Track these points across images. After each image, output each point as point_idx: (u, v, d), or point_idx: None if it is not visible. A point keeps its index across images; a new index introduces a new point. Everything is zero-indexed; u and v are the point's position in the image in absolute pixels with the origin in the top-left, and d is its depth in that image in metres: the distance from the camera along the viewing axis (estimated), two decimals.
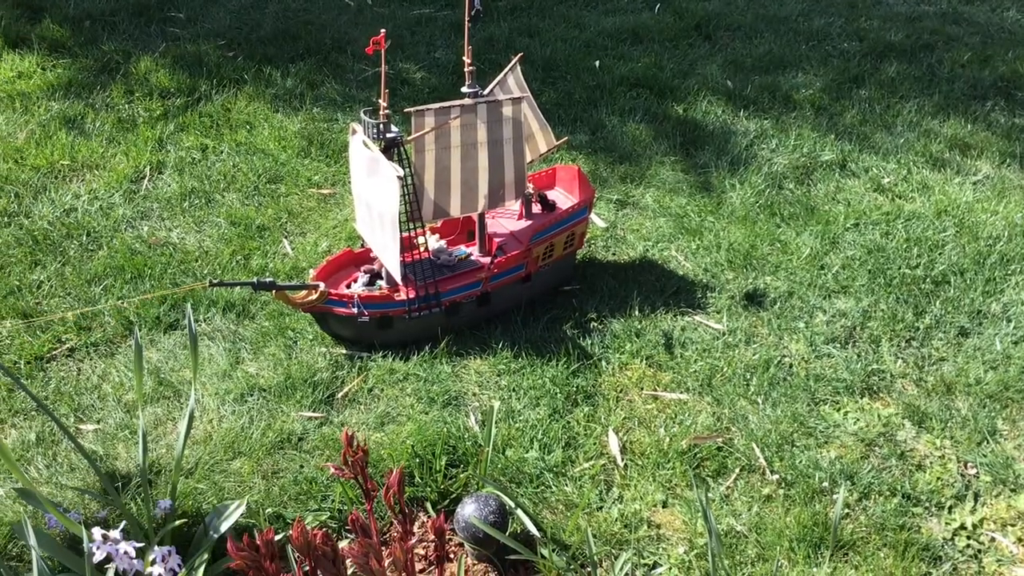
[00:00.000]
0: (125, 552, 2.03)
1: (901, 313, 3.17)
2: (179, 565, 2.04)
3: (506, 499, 2.42)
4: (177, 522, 2.21)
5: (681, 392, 2.89)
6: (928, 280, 3.31)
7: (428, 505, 2.51)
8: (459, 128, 2.89)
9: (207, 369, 2.96)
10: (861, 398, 2.86)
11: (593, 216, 3.67)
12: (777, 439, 2.70)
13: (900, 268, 3.37)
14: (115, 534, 2.04)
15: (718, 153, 4.10)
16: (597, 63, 4.78)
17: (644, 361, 3.00)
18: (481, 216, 3.15)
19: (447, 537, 2.47)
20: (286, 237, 3.56)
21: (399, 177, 2.68)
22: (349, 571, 1.91)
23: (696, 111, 4.41)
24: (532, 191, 3.25)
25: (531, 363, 2.96)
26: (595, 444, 2.71)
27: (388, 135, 2.82)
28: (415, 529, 2.49)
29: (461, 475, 2.57)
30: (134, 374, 2.26)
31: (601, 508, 2.53)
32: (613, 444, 2.71)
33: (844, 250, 3.49)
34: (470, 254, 3.18)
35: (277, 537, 2.08)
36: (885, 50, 4.93)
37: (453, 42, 4.96)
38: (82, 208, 3.69)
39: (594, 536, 2.42)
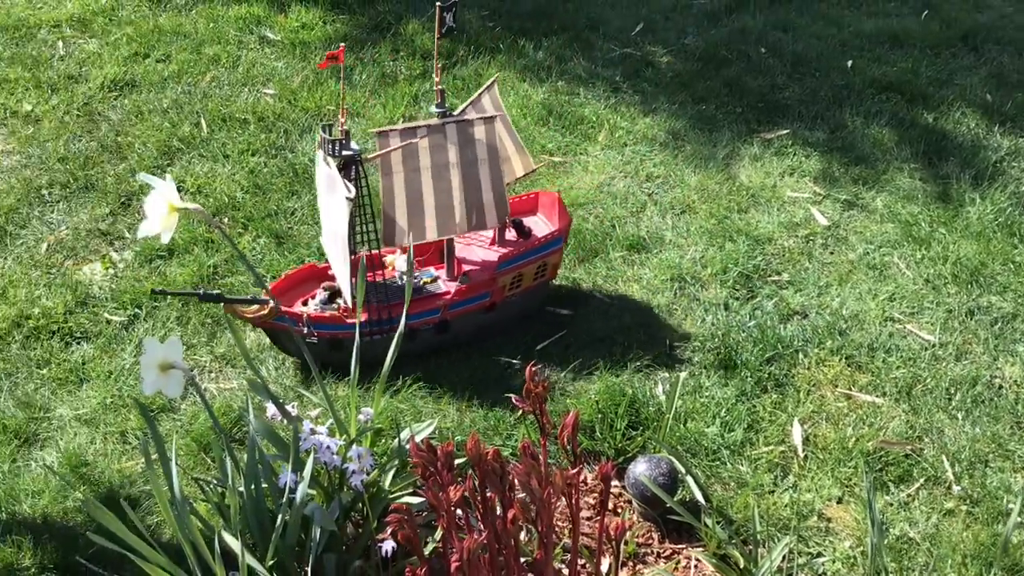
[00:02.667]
0: (327, 446, 2.28)
1: None
2: (372, 466, 2.27)
3: (679, 465, 2.49)
4: (376, 426, 2.44)
5: (877, 395, 2.85)
6: None
7: (603, 459, 2.63)
8: (428, 149, 2.76)
9: None
10: None
11: (815, 212, 3.63)
12: (970, 456, 2.62)
13: None
14: (322, 429, 2.30)
15: (963, 165, 3.93)
16: (850, 63, 4.67)
17: (843, 360, 2.97)
18: (450, 240, 2.96)
19: (616, 492, 2.58)
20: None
21: (348, 199, 2.59)
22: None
23: (947, 121, 4.24)
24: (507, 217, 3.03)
25: (727, 345, 3.00)
26: (778, 431, 2.73)
27: (345, 152, 2.71)
28: (588, 481, 2.62)
29: (639, 437, 2.67)
30: (357, 297, 2.52)
31: (773, 492, 2.56)
32: (796, 434, 2.72)
33: None
34: (437, 277, 3.02)
35: (458, 461, 2.27)
36: None
37: (706, 30, 4.99)
38: None
39: (761, 517, 2.46)
